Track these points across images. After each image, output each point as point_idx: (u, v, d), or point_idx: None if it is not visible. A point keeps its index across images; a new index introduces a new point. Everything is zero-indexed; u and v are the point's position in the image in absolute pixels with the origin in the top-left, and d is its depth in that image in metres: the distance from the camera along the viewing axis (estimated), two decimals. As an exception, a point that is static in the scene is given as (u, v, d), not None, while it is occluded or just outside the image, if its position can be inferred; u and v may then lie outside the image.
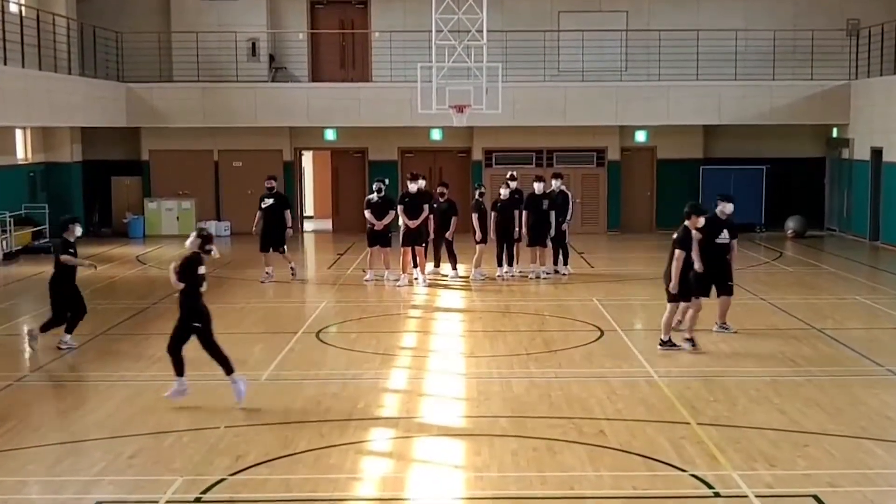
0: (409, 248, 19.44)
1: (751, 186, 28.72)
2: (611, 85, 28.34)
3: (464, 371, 12.93)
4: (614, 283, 19.79)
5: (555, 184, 20.35)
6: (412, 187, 19.48)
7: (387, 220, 19.49)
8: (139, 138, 29.45)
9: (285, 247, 20.19)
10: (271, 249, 20.07)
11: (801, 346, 14.04)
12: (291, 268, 20.37)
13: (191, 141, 29.12)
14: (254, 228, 20.34)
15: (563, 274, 20.33)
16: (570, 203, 20.62)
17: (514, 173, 20.78)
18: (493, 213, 19.96)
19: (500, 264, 20.03)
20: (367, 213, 19.61)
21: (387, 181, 20.48)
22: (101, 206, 29.69)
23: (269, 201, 20.02)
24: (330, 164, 30.99)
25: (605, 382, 12.13)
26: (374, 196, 19.73)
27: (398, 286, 19.17)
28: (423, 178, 20.37)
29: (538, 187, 19.86)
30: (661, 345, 13.73)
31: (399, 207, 19.39)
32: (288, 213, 20.19)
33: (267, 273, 20.07)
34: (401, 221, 19.40)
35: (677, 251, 13.36)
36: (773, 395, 11.47)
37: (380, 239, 19.65)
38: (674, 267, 13.37)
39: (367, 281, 19.68)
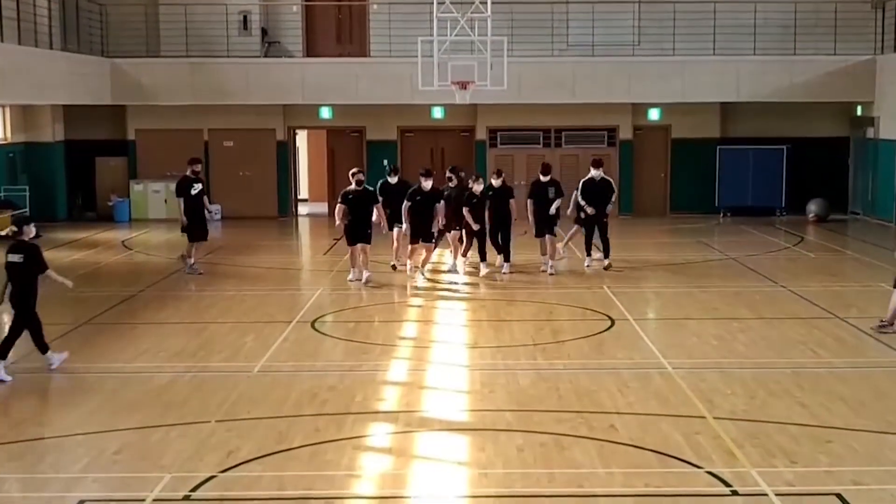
0: (418, 244, 18.50)
1: (770, 168, 28.68)
2: (623, 60, 28.26)
3: (467, 362, 12.93)
4: (626, 269, 19.75)
5: (594, 173, 19.56)
6: (426, 184, 18.31)
7: (374, 218, 18.27)
8: (125, 117, 29.40)
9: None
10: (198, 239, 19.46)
11: (823, 335, 14.02)
12: (192, 263, 19.52)
13: (179, 119, 29.07)
14: (183, 218, 19.25)
15: (604, 267, 19.37)
16: (614, 192, 20.03)
17: (501, 171, 19.96)
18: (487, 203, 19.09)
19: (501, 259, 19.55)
20: (338, 209, 18.12)
21: (386, 162, 20.31)
22: (85, 188, 29.67)
23: (199, 187, 19.36)
24: (325, 145, 30.94)
25: (616, 374, 12.12)
26: (353, 187, 18.15)
27: (416, 284, 18.28)
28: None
29: (544, 178, 19.38)
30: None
31: (406, 204, 18.42)
32: (206, 199, 19.70)
33: (192, 266, 19.38)
34: (379, 219, 18.55)
35: None
36: (793, 388, 11.46)
37: (361, 235, 18.18)
38: None
39: (351, 281, 18.38)
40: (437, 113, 29.37)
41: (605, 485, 8.63)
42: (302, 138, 33.38)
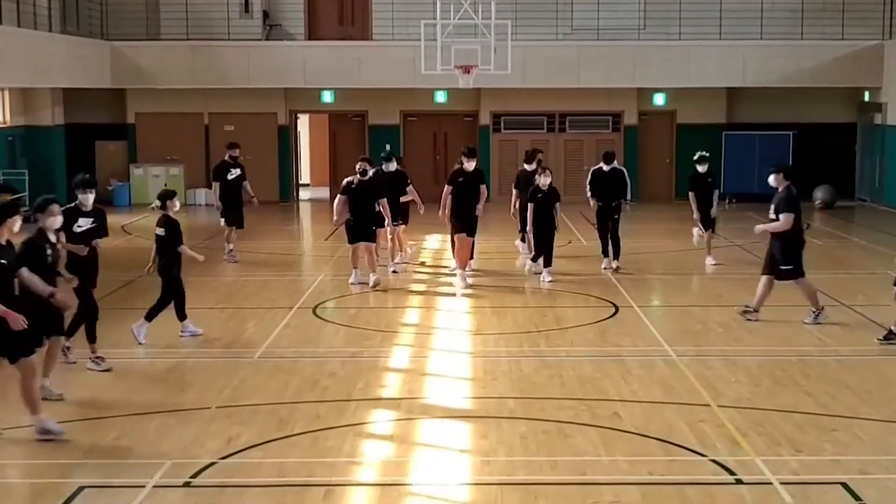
0: (464, 236, 16.75)
1: (776, 153, 28.54)
2: (628, 44, 28.20)
3: (470, 349, 12.93)
4: (630, 256, 19.72)
5: (605, 168, 18.03)
6: (468, 165, 16.57)
7: (382, 217, 16.61)
8: (124, 100, 29.38)
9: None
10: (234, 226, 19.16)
11: (829, 323, 14.00)
12: (231, 250, 19.18)
13: (179, 103, 29.05)
14: (217, 204, 19.18)
15: (612, 268, 17.94)
16: (629, 184, 18.38)
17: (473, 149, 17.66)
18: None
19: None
20: (337, 202, 16.73)
21: (389, 147, 20.12)
22: (85, 172, 29.58)
23: (237, 172, 19.12)
24: (327, 129, 30.91)
25: (620, 362, 12.12)
26: (356, 179, 16.48)
27: (463, 292, 16.43)
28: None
29: (529, 167, 18.23)
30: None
31: (447, 188, 16.70)
32: (248, 184, 19.35)
33: (230, 253, 19.11)
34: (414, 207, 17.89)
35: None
36: (799, 376, 11.46)
37: (363, 233, 16.55)
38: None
39: (353, 284, 16.75)
40: (441, 97, 29.34)
41: (609, 473, 8.63)
42: (303, 122, 33.35)
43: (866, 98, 28.95)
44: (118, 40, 28.12)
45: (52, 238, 10.31)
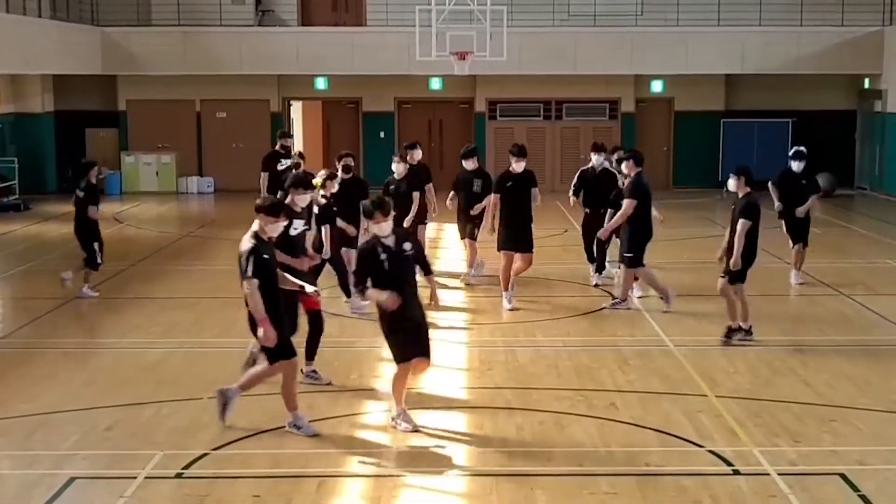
0: (512, 254, 14.44)
1: (775, 141, 28.62)
2: (625, 30, 28.16)
3: (465, 339, 12.94)
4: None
5: (595, 159, 15.87)
6: (517, 166, 14.20)
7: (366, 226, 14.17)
8: (115, 87, 29.29)
9: None
10: None
11: (828, 313, 14.02)
12: None
13: (171, 90, 28.97)
14: (265, 194, 17.75)
15: (595, 284, 16.00)
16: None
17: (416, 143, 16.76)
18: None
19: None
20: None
21: (382, 134, 20.00)
22: (75, 160, 29.56)
23: (287, 162, 18.42)
24: (321, 116, 30.86)
25: (617, 352, 12.13)
26: (338, 176, 14.30)
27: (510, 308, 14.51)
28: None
29: (469, 164, 15.74)
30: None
31: (495, 196, 14.39)
32: None
33: None
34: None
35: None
36: (797, 366, 11.47)
37: (348, 239, 14.17)
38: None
39: (354, 311, 14.04)
40: (436, 84, 29.29)
41: (606, 464, 8.64)
42: (297, 109, 33.27)
43: (866, 85, 28.95)
44: (109, 26, 28.03)
45: (389, 243, 9.41)
